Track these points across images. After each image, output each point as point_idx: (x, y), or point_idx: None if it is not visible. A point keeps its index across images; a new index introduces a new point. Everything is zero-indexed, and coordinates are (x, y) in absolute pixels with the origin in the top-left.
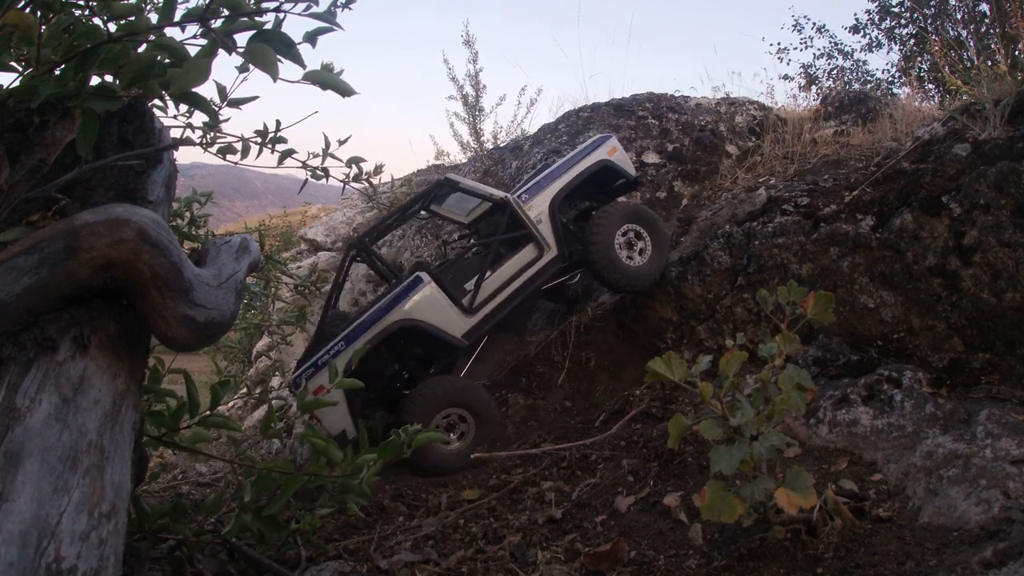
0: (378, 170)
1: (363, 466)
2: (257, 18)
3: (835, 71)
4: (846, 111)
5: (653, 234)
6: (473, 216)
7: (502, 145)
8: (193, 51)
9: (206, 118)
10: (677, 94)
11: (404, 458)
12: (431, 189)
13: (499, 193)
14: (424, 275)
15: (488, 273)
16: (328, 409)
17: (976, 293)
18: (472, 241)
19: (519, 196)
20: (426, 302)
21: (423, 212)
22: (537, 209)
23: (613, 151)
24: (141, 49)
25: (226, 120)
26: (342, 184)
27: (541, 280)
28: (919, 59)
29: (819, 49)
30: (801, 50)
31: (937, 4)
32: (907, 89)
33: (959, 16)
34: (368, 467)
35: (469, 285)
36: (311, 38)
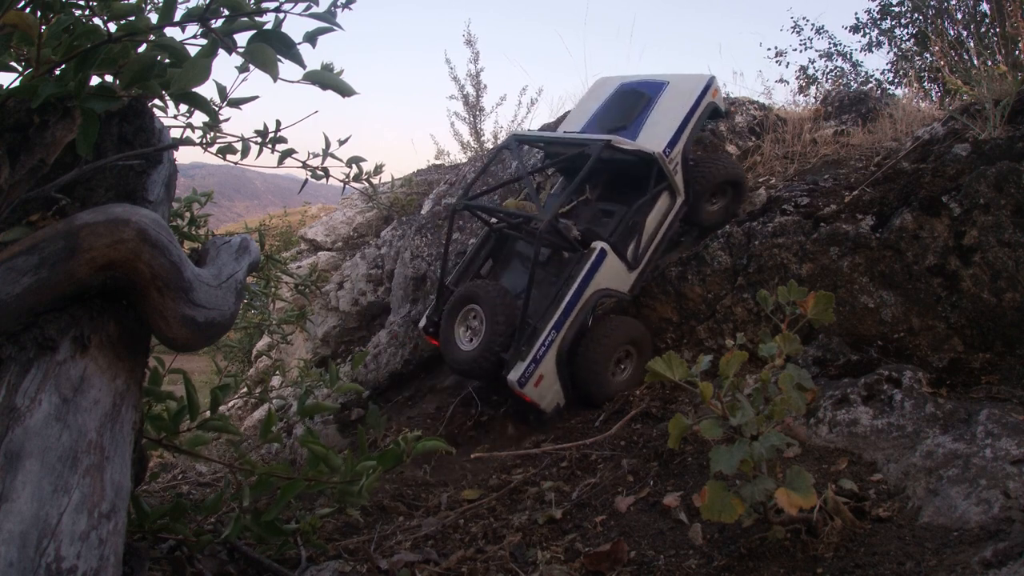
0: (378, 170)
1: (363, 473)
2: (257, 18)
3: (833, 71)
4: (846, 111)
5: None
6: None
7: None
8: (193, 51)
9: (206, 118)
10: None
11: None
12: (597, 149)
13: (649, 149)
14: (606, 246)
15: (640, 228)
16: (547, 394)
17: (976, 293)
18: (584, 187)
19: (664, 151)
20: (610, 271)
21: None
22: (674, 161)
23: (716, 92)
24: (141, 49)
25: (226, 120)
26: (342, 184)
27: (676, 224)
28: (919, 59)
29: (818, 50)
30: (800, 51)
31: (937, 4)
32: (906, 89)
33: (959, 16)
34: (368, 474)
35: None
36: (311, 38)
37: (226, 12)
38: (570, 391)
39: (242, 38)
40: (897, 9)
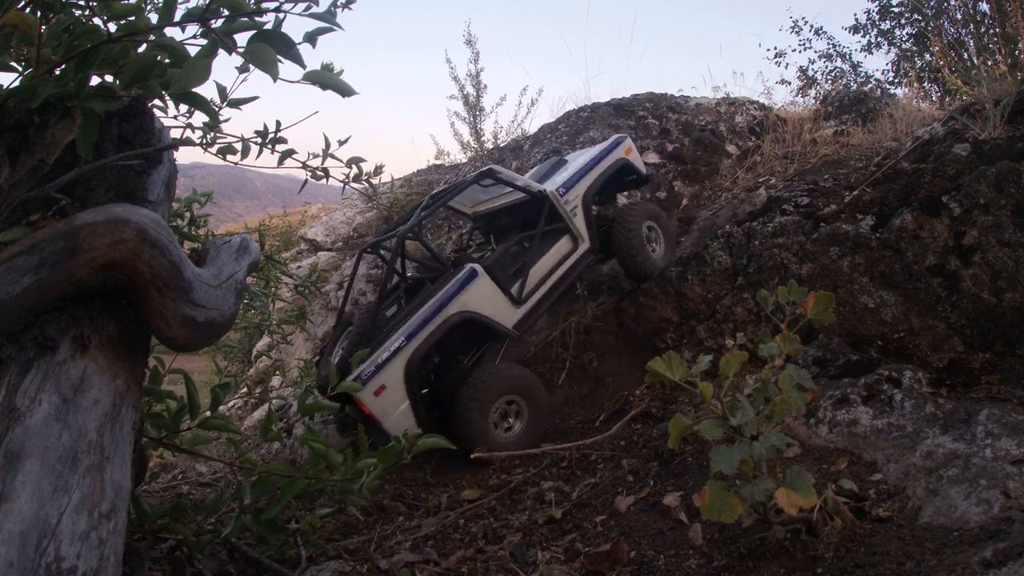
0: (378, 170)
1: (363, 471)
2: (257, 18)
3: (833, 72)
4: (846, 111)
5: (665, 230)
6: (479, 210)
7: (502, 145)
8: (193, 51)
9: (206, 118)
10: (677, 94)
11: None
12: (475, 178)
13: (539, 187)
14: (478, 267)
15: (531, 265)
16: (390, 410)
17: (976, 293)
18: (478, 234)
19: (557, 190)
20: (481, 294)
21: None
22: (572, 203)
23: (629, 151)
24: (141, 49)
25: (226, 120)
26: (342, 184)
27: (577, 271)
28: (918, 59)
29: (817, 51)
30: (800, 52)
31: (937, 4)
32: (906, 89)
33: (959, 16)
34: (368, 472)
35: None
36: (311, 38)
37: (226, 12)
38: (425, 421)
39: (242, 38)
40: (897, 9)
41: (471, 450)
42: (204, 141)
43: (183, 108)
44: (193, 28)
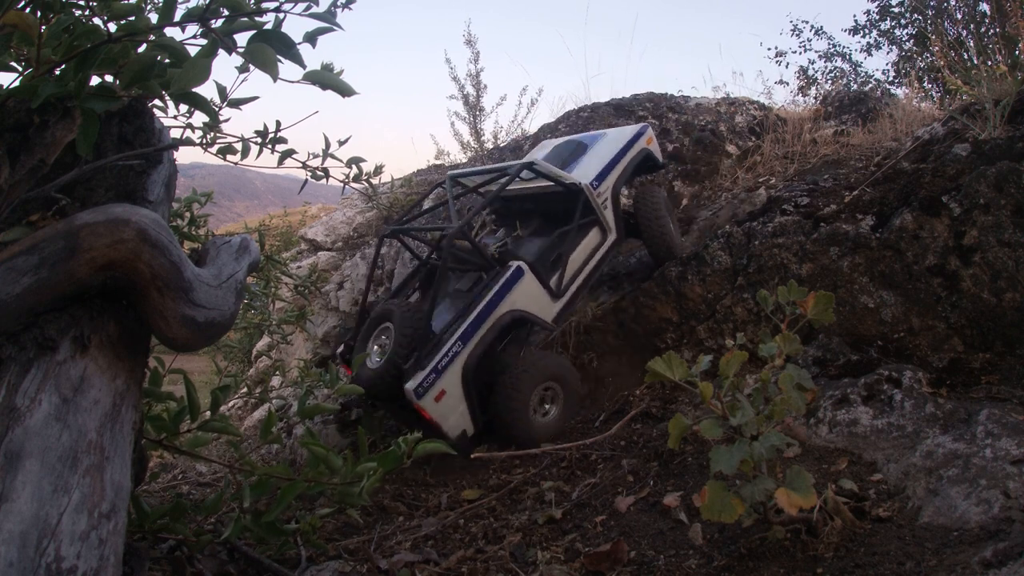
0: (378, 170)
1: (363, 474)
2: (257, 18)
3: (833, 72)
4: (846, 111)
5: (671, 214)
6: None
7: (502, 145)
8: (193, 51)
9: (206, 118)
10: (677, 94)
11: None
12: (516, 171)
13: (573, 179)
14: (523, 265)
15: (566, 258)
16: (449, 413)
17: (976, 293)
18: (494, 223)
19: (591, 183)
20: (527, 291)
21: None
22: (603, 196)
23: (651, 140)
24: (141, 49)
25: (226, 120)
26: (342, 184)
27: (606, 262)
28: (919, 59)
29: (817, 52)
30: (800, 53)
31: (937, 4)
32: (906, 89)
33: (959, 16)
34: (368, 475)
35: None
36: (311, 38)
37: (226, 12)
38: (479, 419)
39: (242, 38)
40: (896, 10)
41: (512, 437)
42: (204, 141)
43: (183, 108)
44: (193, 28)
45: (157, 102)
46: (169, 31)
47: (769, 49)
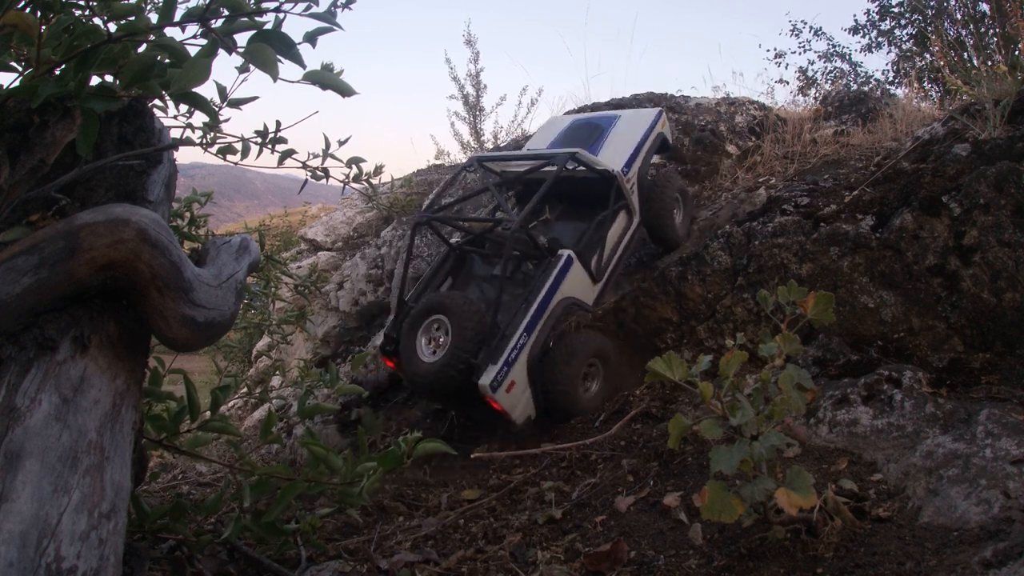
0: (378, 170)
1: (363, 474)
2: (257, 18)
3: (833, 73)
4: (846, 111)
5: (686, 204)
6: (510, 172)
7: (502, 145)
8: (193, 51)
9: (206, 118)
10: (677, 94)
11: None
12: (561, 162)
13: (606, 167)
14: (572, 254)
15: (603, 243)
16: (516, 402)
17: (976, 293)
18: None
19: (622, 170)
20: (576, 279)
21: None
22: (631, 181)
23: (664, 124)
24: (141, 49)
25: (226, 120)
26: (342, 184)
27: (634, 243)
28: (918, 59)
29: (817, 52)
30: (799, 53)
31: (937, 4)
32: (906, 89)
33: (959, 16)
34: (368, 475)
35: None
36: (311, 38)
37: (226, 12)
38: (541, 403)
39: (242, 38)
40: (896, 10)
41: (560, 418)
42: (204, 141)
43: (183, 108)
44: (193, 28)
45: (157, 102)
46: (169, 31)
47: (768, 51)
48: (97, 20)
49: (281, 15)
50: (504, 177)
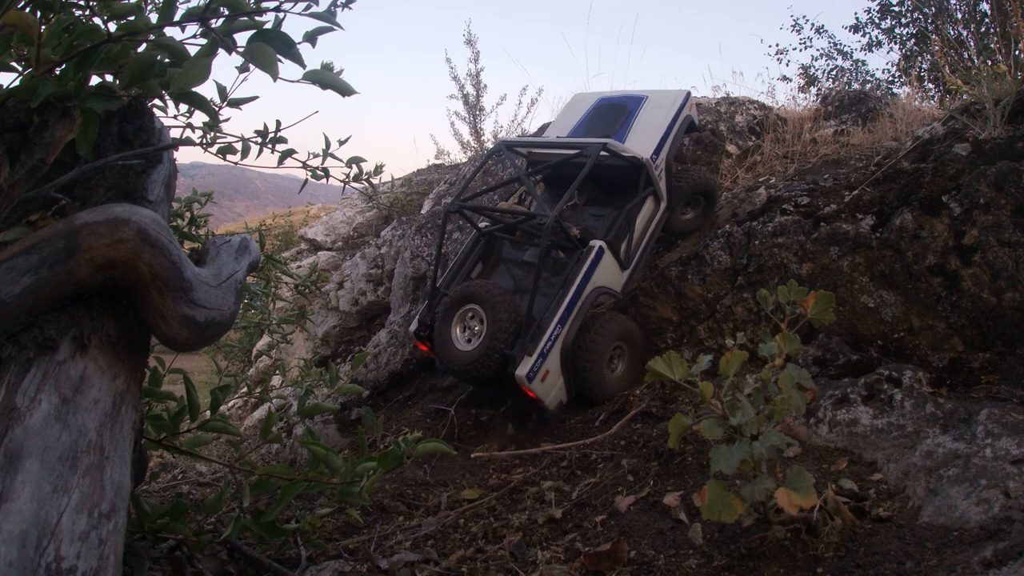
0: (378, 170)
1: (363, 474)
2: (257, 18)
3: (834, 71)
4: (846, 111)
5: (711, 202)
6: (536, 156)
7: None
8: (193, 51)
9: (206, 118)
10: None
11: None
12: (594, 152)
13: (635, 154)
14: (603, 244)
15: (630, 230)
16: (550, 389)
17: (976, 293)
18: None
19: (651, 157)
20: (607, 269)
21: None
22: (659, 167)
23: (691, 106)
24: (141, 49)
25: (226, 120)
26: (342, 184)
27: (660, 228)
28: (919, 58)
29: (818, 49)
30: (800, 51)
31: (937, 4)
32: (907, 89)
33: (959, 16)
34: (368, 475)
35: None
36: (311, 38)
37: (226, 12)
38: (572, 388)
39: (242, 38)
40: (897, 9)
41: (588, 399)
42: (204, 141)
43: (183, 108)
44: (193, 28)
45: (157, 102)
46: (169, 31)
47: (770, 47)
48: (97, 20)
49: (281, 15)
50: (530, 159)
